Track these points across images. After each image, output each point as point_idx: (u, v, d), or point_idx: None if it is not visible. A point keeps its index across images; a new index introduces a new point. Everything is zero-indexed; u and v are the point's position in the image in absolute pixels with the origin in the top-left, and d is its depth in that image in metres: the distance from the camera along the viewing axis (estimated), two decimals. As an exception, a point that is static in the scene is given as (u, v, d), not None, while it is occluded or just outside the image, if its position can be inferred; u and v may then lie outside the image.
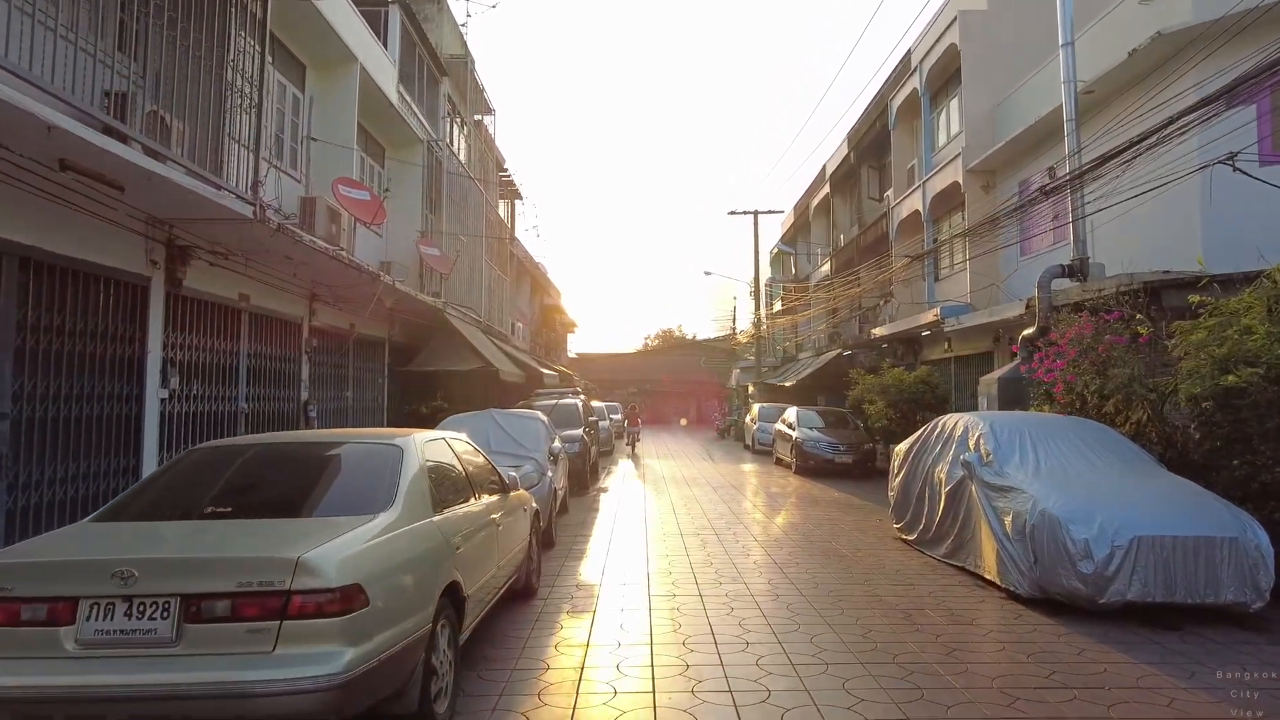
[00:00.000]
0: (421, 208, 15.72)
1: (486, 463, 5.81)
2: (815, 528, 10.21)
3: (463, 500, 4.75)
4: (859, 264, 24.08)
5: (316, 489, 4.00)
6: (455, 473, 4.90)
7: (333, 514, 3.67)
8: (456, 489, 4.76)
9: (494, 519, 5.18)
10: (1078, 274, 12.41)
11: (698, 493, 14.04)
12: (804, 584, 7.06)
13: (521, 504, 6.31)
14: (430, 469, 4.36)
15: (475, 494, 5.06)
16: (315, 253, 9.48)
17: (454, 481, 4.80)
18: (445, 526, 4.14)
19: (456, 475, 4.90)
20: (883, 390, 17.07)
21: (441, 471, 4.61)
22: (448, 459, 4.89)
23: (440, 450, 4.82)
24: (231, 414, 9.57)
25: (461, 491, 4.82)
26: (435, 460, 4.60)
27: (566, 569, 7.67)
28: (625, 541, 9.18)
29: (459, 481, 4.89)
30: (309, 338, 11.70)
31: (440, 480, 4.48)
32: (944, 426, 8.70)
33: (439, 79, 18.83)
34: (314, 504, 3.82)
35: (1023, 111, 15.65)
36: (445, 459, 4.84)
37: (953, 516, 7.80)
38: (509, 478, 5.99)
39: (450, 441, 5.10)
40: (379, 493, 3.81)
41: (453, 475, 4.83)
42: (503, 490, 5.85)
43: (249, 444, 4.54)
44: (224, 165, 7.79)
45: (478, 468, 5.49)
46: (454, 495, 4.63)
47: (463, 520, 4.50)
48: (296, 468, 4.20)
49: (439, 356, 15.79)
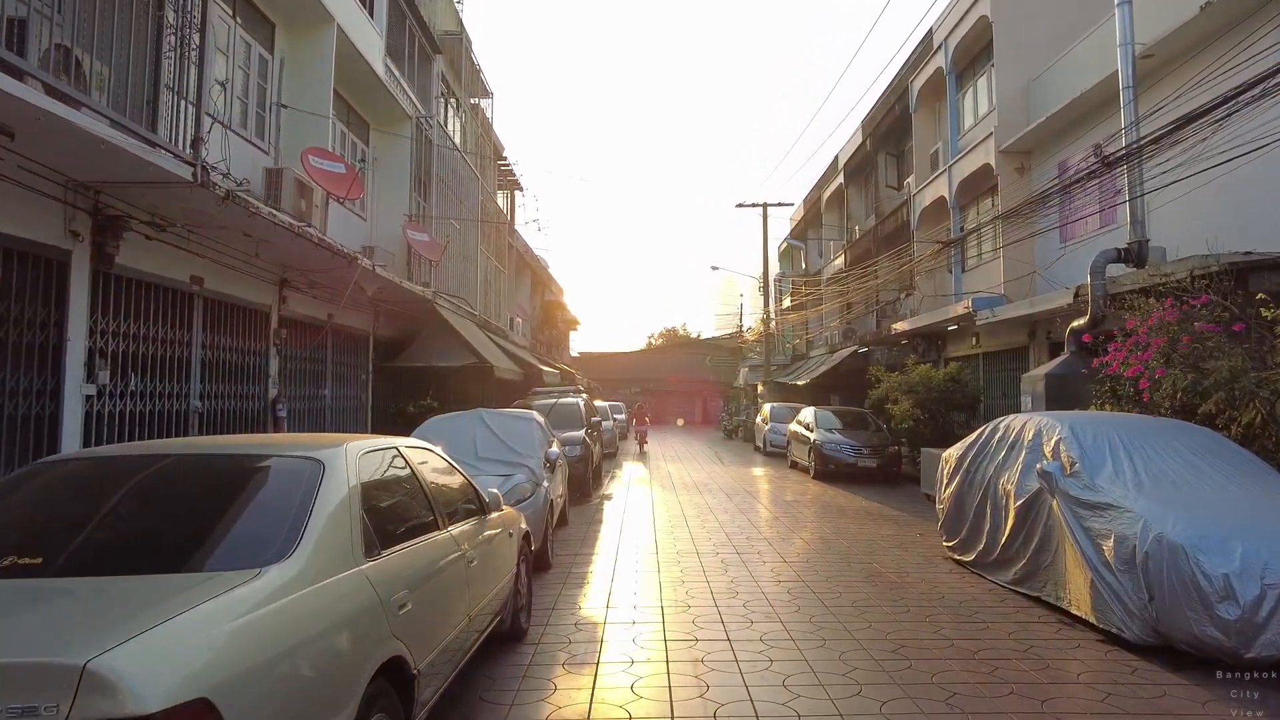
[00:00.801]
0: (410, 190, 14.48)
1: (460, 479, 4.57)
2: (850, 544, 8.95)
3: (420, 533, 3.51)
4: (877, 256, 22.80)
5: (183, 528, 2.75)
6: (409, 496, 3.67)
7: (198, 568, 2.43)
8: (409, 519, 3.52)
9: (465, 553, 3.93)
10: (1134, 258, 11.16)
11: (710, 500, 12.79)
12: (852, 621, 5.80)
13: (507, 526, 5.06)
14: (367, 494, 3.11)
15: (440, 522, 3.82)
16: (276, 229, 8.25)
17: (406, 509, 3.57)
18: (383, 577, 2.89)
19: (411, 499, 3.66)
20: (909, 389, 15.79)
21: (385, 496, 3.38)
22: (398, 477, 3.65)
23: (387, 465, 3.58)
24: (182, 414, 8.35)
25: (417, 521, 3.58)
26: (377, 480, 3.35)
27: (564, 600, 6.42)
28: (633, 562, 7.93)
29: (415, 508, 3.65)
30: (278, 328, 10.46)
31: (382, 509, 3.25)
32: (1007, 429, 7.44)
33: (431, 56, 17.61)
34: (172, 553, 2.57)
35: (1063, 85, 14.38)
36: (394, 477, 3.60)
37: (1025, 536, 6.54)
38: (489, 496, 4.74)
39: (407, 452, 3.85)
40: (274, 533, 2.57)
41: (404, 500, 3.60)
42: (481, 512, 4.61)
43: (110, 456, 3.29)
44: (160, 120, 6.56)
45: (446, 486, 4.25)
46: (404, 528, 3.40)
47: (414, 564, 3.26)
48: (164, 495, 2.95)
49: (428, 351, 14.56)
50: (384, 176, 14.39)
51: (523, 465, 7.69)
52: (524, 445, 8.21)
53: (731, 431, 34.68)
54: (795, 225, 36.62)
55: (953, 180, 18.10)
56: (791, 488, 14.96)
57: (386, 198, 14.30)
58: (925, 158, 20.72)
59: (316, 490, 2.82)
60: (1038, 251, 15.13)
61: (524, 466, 7.67)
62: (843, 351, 25.17)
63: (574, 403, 15.00)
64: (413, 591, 3.09)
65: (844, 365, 24.36)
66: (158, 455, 3.18)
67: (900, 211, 22.20)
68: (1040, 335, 14.95)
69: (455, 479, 4.48)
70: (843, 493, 13.92)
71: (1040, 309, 13.17)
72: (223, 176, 7.22)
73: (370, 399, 14.01)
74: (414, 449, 4.01)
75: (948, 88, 19.01)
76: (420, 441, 4.30)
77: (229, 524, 2.72)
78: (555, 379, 22.39)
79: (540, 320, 33.20)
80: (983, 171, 16.76)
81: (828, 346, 28.61)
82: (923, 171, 20.60)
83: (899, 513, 11.51)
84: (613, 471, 18.18)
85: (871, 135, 24.78)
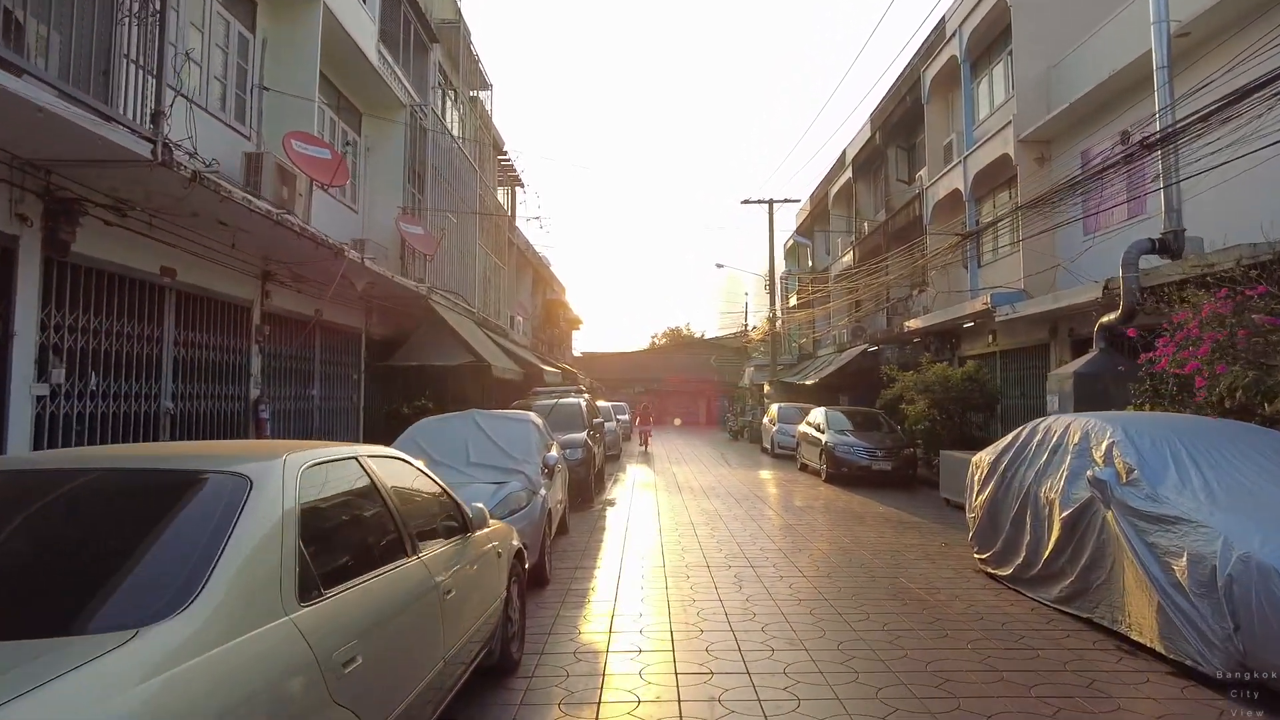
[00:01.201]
0: (404, 181, 13.87)
1: (438, 493, 3.94)
2: (871, 555, 8.31)
3: (381, 564, 2.88)
4: (887, 251, 22.14)
5: (40, 573, 2.11)
6: (369, 517, 3.05)
7: (44, 630, 1.79)
8: (367, 547, 2.90)
9: (440, 583, 3.31)
10: (1170, 249, 10.51)
11: (719, 506, 12.15)
12: (885, 648, 5.16)
13: (495, 544, 4.44)
14: (309, 518, 2.48)
15: (409, 547, 3.18)
16: (253, 216, 7.64)
17: (363, 534, 2.95)
18: (322, 626, 2.27)
19: (370, 522, 3.04)
20: (925, 388, 15.13)
21: (335, 520, 2.77)
22: (356, 494, 3.02)
23: (341, 480, 2.95)
24: (152, 415, 7.73)
25: (378, 549, 2.95)
26: (325, 500, 2.73)
27: (562, 624, 5.78)
28: (638, 577, 7.30)
29: (375, 532, 3.03)
30: (261, 325, 9.85)
31: (330, 536, 2.64)
32: (1048, 432, 6.80)
33: (428, 45, 17.00)
34: (29, 605, 1.94)
35: (1086, 71, 13.73)
36: (350, 495, 2.98)
37: (1073, 551, 5.89)
38: (473, 511, 4.11)
39: (369, 463, 3.21)
40: (166, 579, 1.94)
41: (361, 523, 2.98)
42: (464, 530, 3.98)
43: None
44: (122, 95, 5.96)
45: (419, 503, 3.63)
46: (359, 559, 2.78)
47: (368, 605, 2.63)
48: (30, 524, 2.32)
49: (423, 350, 13.94)
50: (377, 167, 13.78)
51: (518, 472, 7.05)
52: (520, 449, 7.57)
53: (737, 432, 34.03)
54: (801, 222, 35.96)
55: (968, 172, 17.44)
56: (803, 492, 14.32)
57: (379, 190, 13.70)
58: (938, 150, 20.06)
59: (236, 516, 2.19)
60: (1059, 245, 14.48)
61: (519, 473, 7.04)
62: (852, 350, 24.53)
63: (575, 403, 14.37)
64: (365, 641, 2.46)
65: (853, 364, 23.74)
66: (38, 471, 2.56)
67: (912, 206, 21.55)
68: (1062, 332, 14.31)
69: (431, 493, 3.85)
70: (857, 497, 13.27)
71: (1065, 304, 12.52)
72: (189, 156, 6.60)
73: (362, 400, 13.39)
74: (379, 459, 3.37)
75: (962, 76, 18.35)
76: (389, 450, 3.67)
77: (107, 565, 2.08)
78: (557, 379, 21.78)
79: (542, 319, 32.58)
80: (1000, 162, 16.11)
81: (836, 345, 27.97)
82: (936, 164, 19.94)
83: (920, 519, 10.86)
84: (616, 474, 17.55)
85: (881, 128, 24.12)
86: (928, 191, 20.01)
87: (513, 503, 6.60)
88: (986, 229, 16.11)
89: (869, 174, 27.04)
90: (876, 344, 22.92)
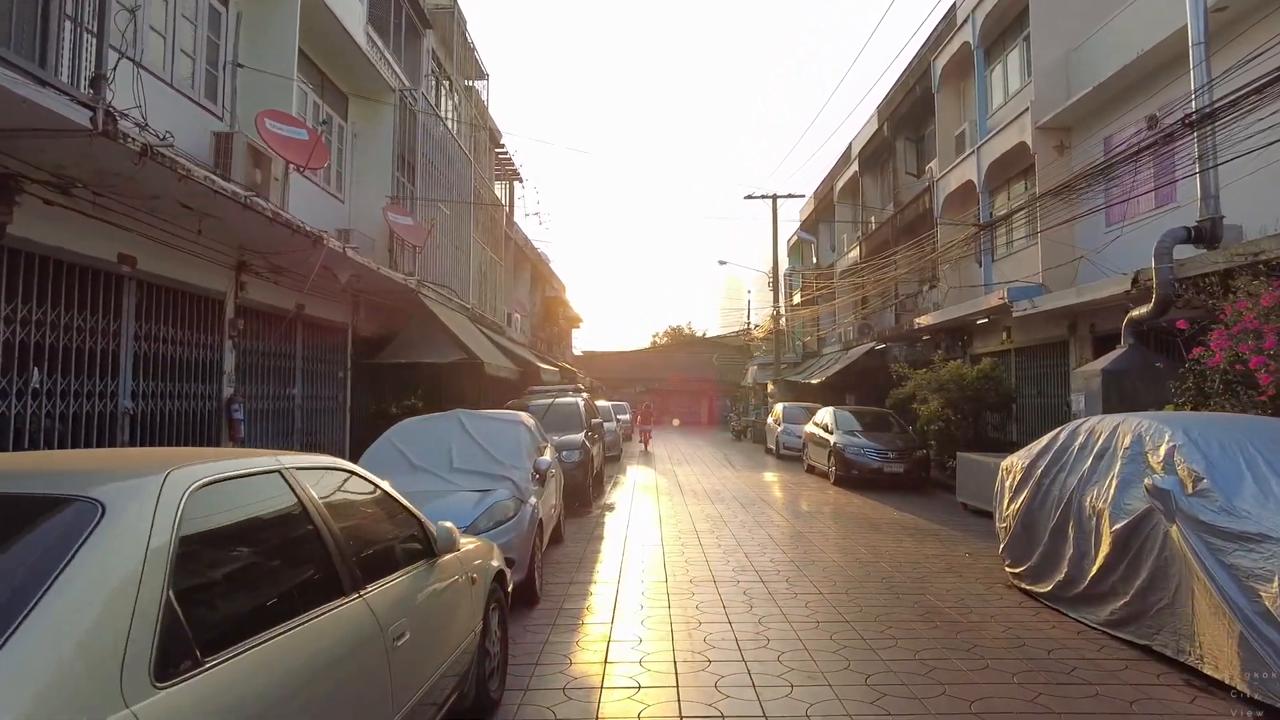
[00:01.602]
0: (392, 169, 13.22)
1: (395, 511, 3.29)
2: (891, 567, 7.65)
3: (303, 611, 2.22)
4: (895, 246, 21.49)
5: None
6: (291, 550, 2.40)
7: None
8: (282, 592, 2.26)
9: (389, 629, 2.65)
10: (1206, 238, 9.86)
11: (724, 511, 11.49)
12: (919, 683, 4.51)
13: (469, 567, 3.79)
14: (192, 558, 1.84)
15: (347, 584, 2.53)
16: (219, 199, 6.99)
17: (277, 575, 2.30)
18: (188, 718, 1.61)
19: (292, 556, 2.40)
20: (939, 387, 14.46)
21: (236, 556, 2.12)
22: (273, 520, 2.37)
23: (254, 500, 2.30)
24: (107, 416, 7.08)
25: (301, 592, 2.30)
26: (222, 530, 2.09)
27: (552, 651, 5.12)
28: (638, 594, 6.65)
29: (296, 569, 2.39)
30: (235, 318, 9.19)
31: (219, 584, 1.98)
32: (1092, 434, 6.14)
33: (421, 31, 16.38)
34: None
35: (1110, 53, 13.06)
36: (262, 521, 2.33)
37: (1127, 569, 5.24)
38: (439, 532, 3.44)
39: (297, 477, 2.55)
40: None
41: (276, 561, 2.34)
42: (427, 554, 3.33)
43: None
44: (50, 52, 5.32)
45: (366, 526, 2.99)
46: (268, 608, 2.12)
47: (272, 674, 1.97)
48: None
49: (413, 347, 13.29)
50: (365, 155, 13.14)
51: (505, 478, 6.39)
52: (508, 453, 6.91)
53: (740, 432, 33.38)
54: (806, 218, 35.29)
55: (981, 163, 16.78)
56: (812, 496, 13.65)
57: (367, 178, 13.06)
58: (949, 140, 19.38)
59: (66, 560, 1.55)
60: (1078, 237, 13.83)
61: (507, 480, 6.38)
62: (859, 348, 23.87)
63: (573, 402, 13.71)
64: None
65: (859, 363, 23.09)
66: None
67: (922, 199, 20.87)
68: (1082, 328, 13.65)
69: (387, 512, 3.21)
70: (869, 501, 12.61)
71: (1089, 298, 11.85)
72: (140, 129, 5.95)
73: (349, 399, 12.74)
74: (314, 471, 2.72)
75: (975, 64, 17.68)
76: (330, 460, 3.01)
77: None
78: (555, 377, 21.12)
79: (541, 317, 31.92)
80: (1016, 151, 15.44)
81: (842, 343, 27.31)
82: (947, 155, 19.27)
83: (938, 526, 10.20)
84: (615, 477, 16.89)
85: (889, 120, 23.45)
86: (938, 184, 19.35)
87: (499, 513, 5.95)
88: (1005, 220, 15.41)
89: (876, 167, 26.38)
90: (884, 342, 22.27)
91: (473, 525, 5.74)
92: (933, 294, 20.04)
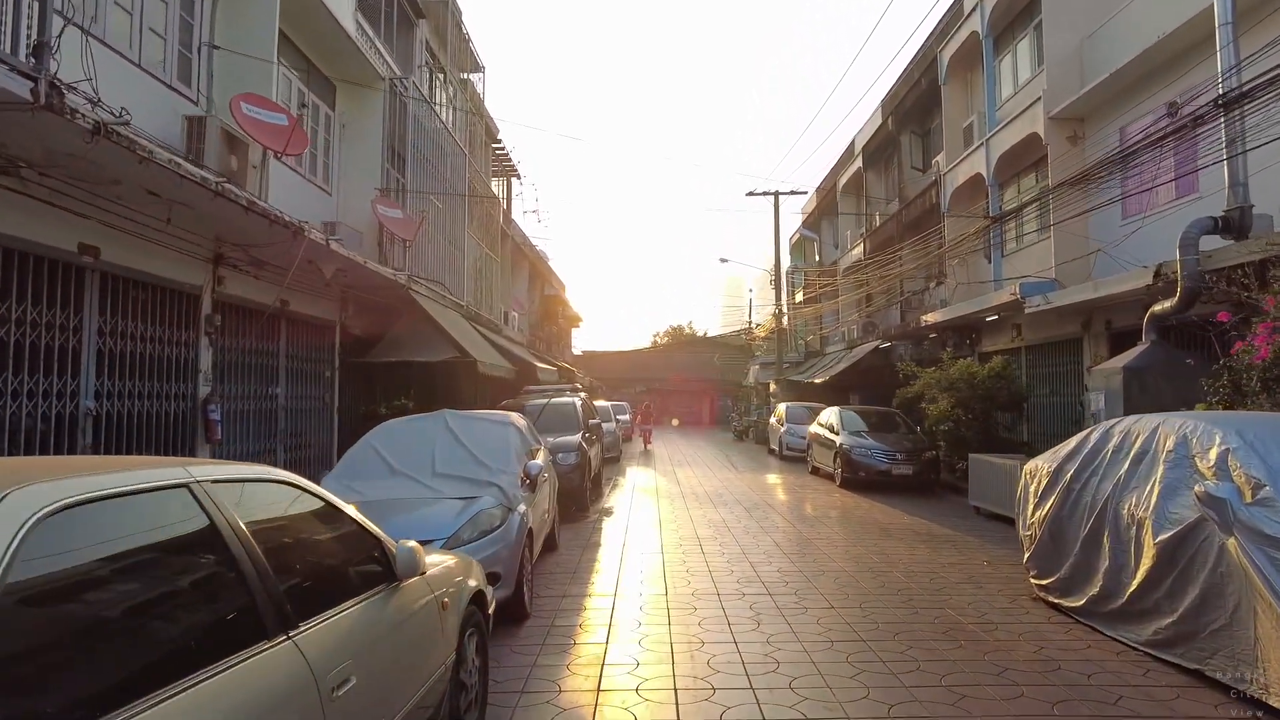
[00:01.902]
0: (382, 161, 12.74)
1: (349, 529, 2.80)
2: (906, 578, 7.16)
3: (201, 667, 1.74)
4: (901, 243, 21.01)
5: None
6: (189, 590, 1.93)
7: None
8: (175, 643, 1.78)
9: (325, 677, 2.17)
10: (1235, 228, 9.39)
11: (727, 516, 11.00)
12: (950, 715, 4.03)
13: (439, 590, 3.30)
14: (23, 612, 1.35)
15: (273, 625, 2.06)
16: (187, 184, 6.51)
17: (169, 621, 1.83)
18: None
19: (192, 598, 1.93)
20: (949, 386, 13.97)
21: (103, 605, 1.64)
22: (167, 550, 1.90)
23: (142, 524, 1.84)
24: (67, 418, 6.61)
25: (198, 643, 1.82)
26: (86, 570, 1.62)
27: (539, 676, 4.64)
28: (636, 609, 6.17)
29: (200, 613, 1.91)
30: (212, 314, 8.72)
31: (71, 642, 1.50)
32: (1127, 436, 5.66)
33: (414, 20, 15.92)
34: None
35: (1127, 39, 12.57)
36: (154, 550, 1.86)
37: (1174, 584, 4.75)
38: (401, 553, 2.95)
39: (212, 493, 2.07)
40: None
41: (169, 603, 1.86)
42: (386, 579, 2.85)
43: None
44: None
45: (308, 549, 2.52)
46: (149, 668, 1.65)
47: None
48: None
49: (403, 345, 12.82)
50: (353, 146, 12.66)
51: (492, 484, 5.90)
52: (496, 457, 6.42)
53: (742, 433, 32.89)
54: (808, 216, 34.80)
55: (991, 155, 16.29)
56: (818, 499, 13.17)
57: (355, 170, 12.58)
58: (957, 133, 18.90)
59: None
60: (1093, 230, 13.34)
61: (494, 485, 5.89)
62: (864, 347, 23.38)
63: (569, 402, 13.22)
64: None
65: (864, 362, 22.61)
66: None
67: (928, 194, 20.38)
68: (1097, 324, 13.17)
69: (333, 532, 2.72)
70: (878, 505, 12.13)
71: (1106, 293, 11.35)
72: (92, 105, 5.47)
73: (336, 399, 12.26)
74: (233, 485, 2.23)
75: (984, 53, 17.18)
76: (264, 470, 2.51)
77: None
78: (552, 376, 20.64)
79: (539, 316, 31.44)
80: (1027, 142, 14.96)
81: (845, 342, 26.83)
82: (954, 148, 18.79)
83: (952, 532, 9.72)
84: (614, 479, 16.41)
85: (894, 114, 22.97)
86: (945, 178, 18.87)
87: (484, 522, 5.46)
88: (1017, 212, 14.91)
89: (880, 162, 25.89)
90: (889, 340, 21.78)
91: (455, 536, 5.26)
92: (939, 291, 19.56)
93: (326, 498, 2.74)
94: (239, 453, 9.42)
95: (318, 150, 11.85)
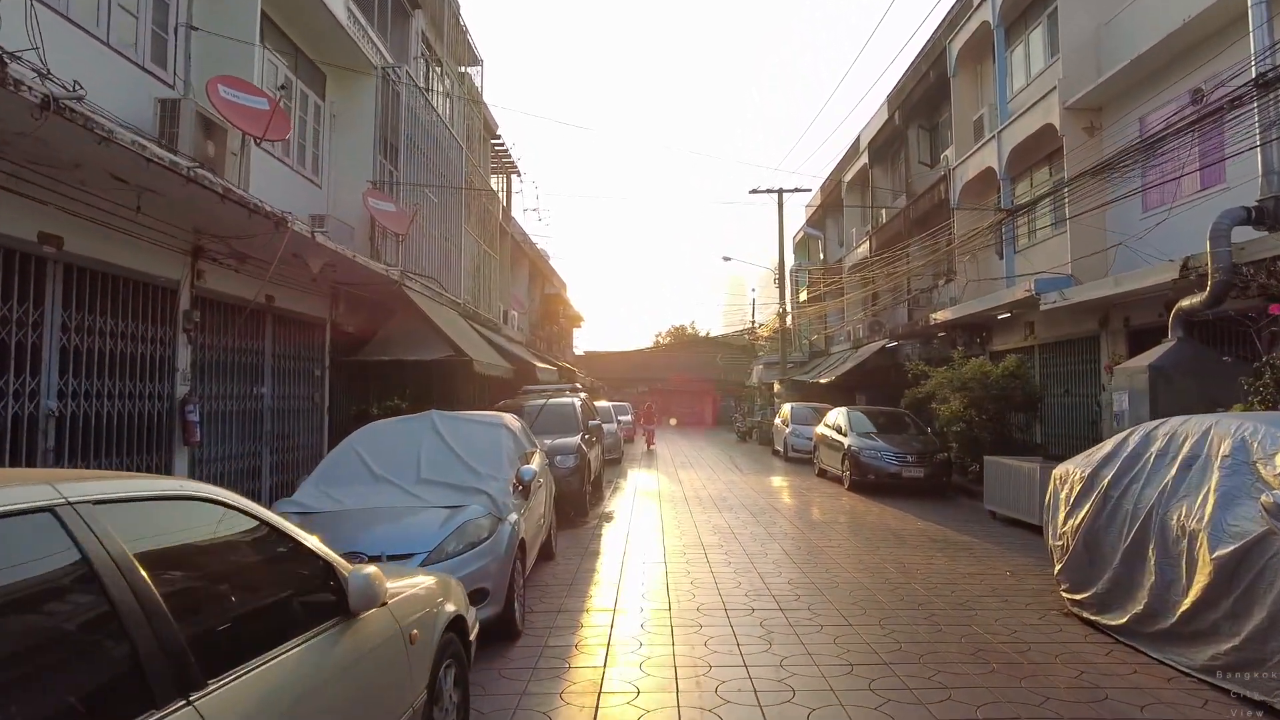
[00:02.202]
0: (374, 153, 12.29)
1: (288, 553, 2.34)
2: (926, 590, 6.69)
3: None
4: (908, 239, 20.53)
5: None
6: (46, 648, 1.46)
7: None
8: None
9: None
10: (1269, 219, 8.94)
11: (733, 521, 10.53)
12: (991, 756, 3.56)
13: (405, 624, 2.83)
14: None
15: (168, 688, 1.59)
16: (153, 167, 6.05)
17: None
18: None
19: (52, 657, 1.45)
20: (961, 386, 13.50)
21: None
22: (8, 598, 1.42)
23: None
24: (26, 419, 6.15)
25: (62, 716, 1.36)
26: None
27: (530, 706, 4.17)
28: (636, 626, 5.71)
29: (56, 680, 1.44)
30: (190, 310, 8.26)
31: None
32: (1172, 438, 5.18)
33: (409, 11, 15.48)
34: None
35: (1147, 25, 12.09)
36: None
37: (1236, 604, 4.27)
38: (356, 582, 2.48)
39: (94, 516, 1.61)
40: None
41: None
42: (336, 613, 2.38)
43: None
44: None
45: (231, 584, 2.05)
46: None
47: None
48: None
49: (396, 343, 12.37)
50: (344, 137, 12.22)
51: (481, 491, 5.44)
52: (487, 461, 5.96)
53: (745, 433, 32.40)
54: (812, 214, 34.31)
55: (1002, 148, 15.81)
56: (826, 503, 12.69)
57: (347, 162, 12.13)
58: (967, 127, 18.44)
59: None
60: (1112, 223, 12.86)
61: (482, 493, 5.42)
62: (871, 346, 22.91)
63: (569, 403, 12.76)
64: None
65: (870, 361, 22.15)
66: None
67: (937, 189, 19.89)
68: (1115, 321, 12.72)
69: (269, 561, 2.26)
70: (889, 509, 11.65)
71: (1128, 288, 10.87)
72: (41, 77, 5.01)
73: (327, 399, 11.80)
74: (129, 505, 1.77)
75: (995, 44, 16.71)
76: (179, 485, 2.05)
77: None
78: (552, 376, 20.17)
79: (540, 315, 30.99)
80: (1041, 134, 14.47)
81: (851, 342, 26.35)
82: (964, 142, 18.31)
83: (969, 539, 9.23)
84: (616, 481, 15.94)
85: (900, 108, 22.49)
86: (955, 172, 18.38)
87: (471, 534, 5.00)
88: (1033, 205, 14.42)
89: (887, 158, 25.41)
90: (896, 339, 21.31)
91: (439, 549, 4.80)
92: (949, 288, 19.08)
93: (263, 516, 2.28)
94: (221, 455, 8.98)
95: (306, 140, 11.41)
